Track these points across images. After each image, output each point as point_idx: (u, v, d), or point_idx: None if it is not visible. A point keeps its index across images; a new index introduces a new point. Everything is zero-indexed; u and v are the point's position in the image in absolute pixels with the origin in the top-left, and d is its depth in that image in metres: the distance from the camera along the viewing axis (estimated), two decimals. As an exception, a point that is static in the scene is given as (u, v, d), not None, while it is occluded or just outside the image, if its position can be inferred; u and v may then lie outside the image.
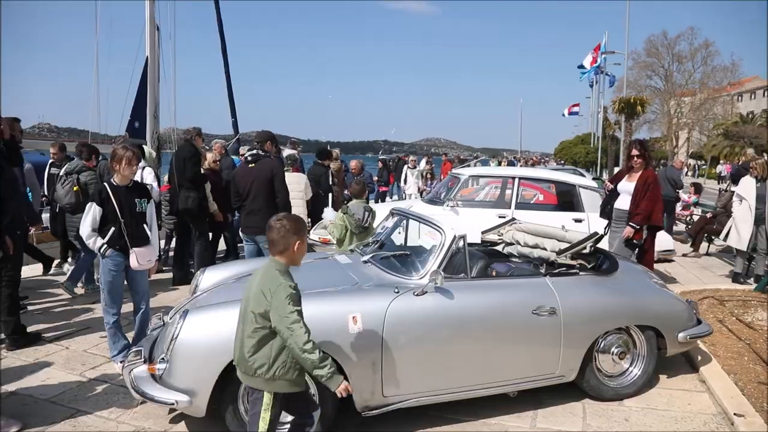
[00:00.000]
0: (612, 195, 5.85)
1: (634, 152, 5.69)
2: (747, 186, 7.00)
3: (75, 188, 5.70)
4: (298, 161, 8.59)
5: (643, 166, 5.62)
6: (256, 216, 5.25)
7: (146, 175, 6.76)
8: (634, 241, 5.48)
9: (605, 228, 5.80)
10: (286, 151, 9.07)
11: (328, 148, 10.10)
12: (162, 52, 9.11)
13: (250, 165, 5.34)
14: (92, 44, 9.19)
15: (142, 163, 6.70)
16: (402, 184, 13.59)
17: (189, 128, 6.65)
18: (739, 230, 6.98)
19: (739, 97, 57.46)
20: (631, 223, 5.46)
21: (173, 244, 7.15)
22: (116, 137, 8.62)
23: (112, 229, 3.99)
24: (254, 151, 5.39)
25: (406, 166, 13.51)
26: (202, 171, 6.52)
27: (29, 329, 4.69)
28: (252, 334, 2.45)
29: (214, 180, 6.79)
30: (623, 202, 5.65)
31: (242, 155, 8.45)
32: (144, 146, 7.54)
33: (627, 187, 5.65)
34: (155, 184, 6.74)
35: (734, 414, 3.47)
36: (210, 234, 6.77)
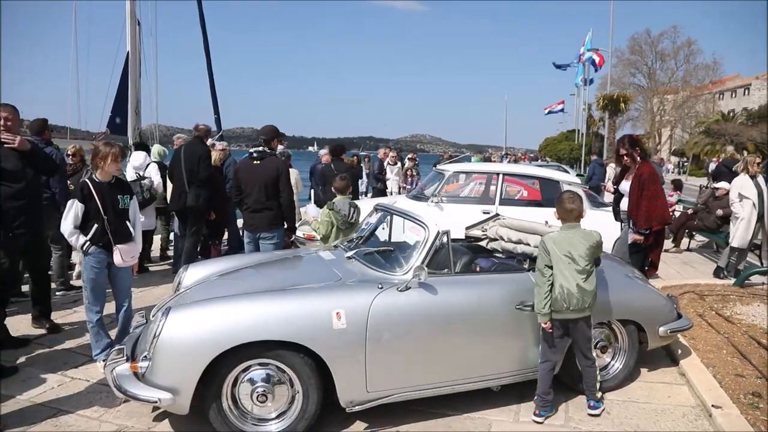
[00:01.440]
0: (618, 197, 5.54)
1: (622, 152, 5.27)
2: (746, 184, 6.91)
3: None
4: (289, 158, 8.57)
5: (637, 163, 5.16)
6: (259, 213, 5.20)
7: (151, 170, 6.79)
8: (642, 245, 5.04)
9: (621, 229, 5.59)
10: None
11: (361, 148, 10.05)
12: (143, 47, 9.02)
13: (255, 162, 5.25)
14: (71, 38, 9.07)
15: (147, 160, 6.97)
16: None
17: (199, 125, 6.57)
18: (745, 229, 6.87)
19: (721, 96, 58.32)
20: (639, 231, 5.00)
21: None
22: (97, 134, 8.51)
23: (95, 225, 3.95)
24: (260, 148, 5.29)
25: (386, 162, 13.17)
26: None
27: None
28: (588, 279, 3.41)
29: (218, 178, 6.73)
30: (626, 203, 5.28)
31: (222, 149, 8.39)
32: (153, 145, 7.62)
33: (626, 187, 5.30)
34: (157, 178, 6.78)
35: (712, 406, 3.54)
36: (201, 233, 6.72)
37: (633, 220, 5.10)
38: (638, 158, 5.19)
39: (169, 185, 6.66)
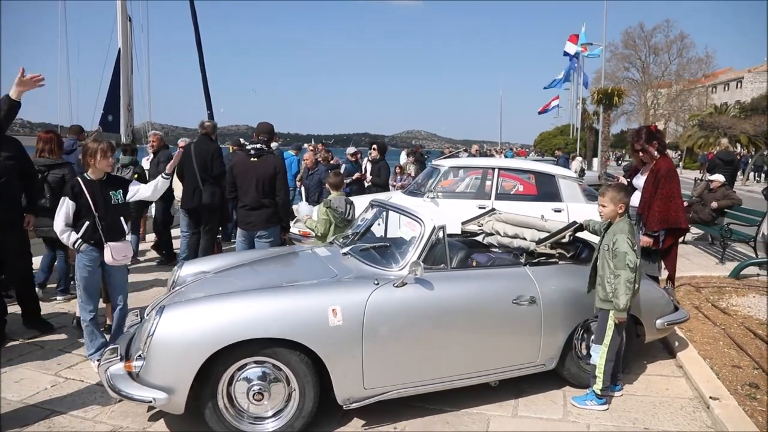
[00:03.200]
0: (630, 190, 4.85)
1: (636, 147, 4.80)
2: None
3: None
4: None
5: (654, 158, 4.72)
6: (256, 211, 5.14)
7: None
8: (652, 248, 4.66)
9: None
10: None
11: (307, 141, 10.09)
12: (135, 44, 8.95)
13: (252, 159, 5.17)
14: (61, 34, 9.00)
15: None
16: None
17: (204, 122, 6.52)
18: None
19: (713, 89, 58.58)
20: (647, 232, 4.63)
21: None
22: (88, 132, 8.44)
23: (87, 223, 3.90)
24: (258, 146, 5.21)
25: (366, 159, 12.39)
26: None
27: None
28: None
29: None
30: (637, 199, 4.79)
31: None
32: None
33: (639, 182, 4.86)
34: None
35: (710, 397, 3.54)
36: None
37: (644, 220, 4.70)
38: (655, 153, 4.73)
39: (180, 185, 6.60)
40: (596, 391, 3.56)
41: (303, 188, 8.28)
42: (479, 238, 4.72)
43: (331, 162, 11.40)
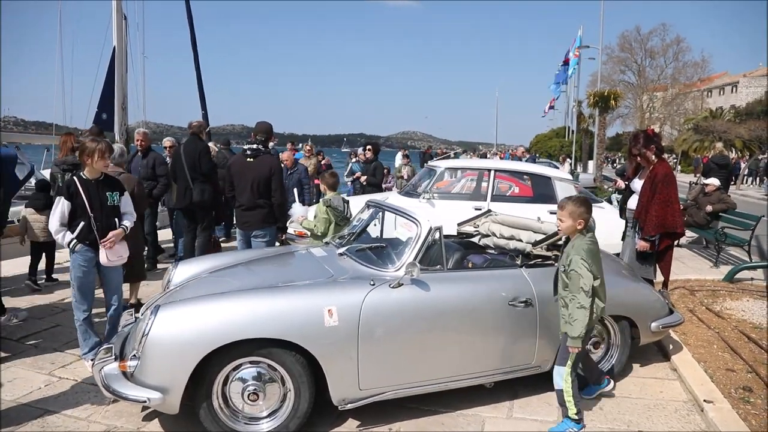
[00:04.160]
0: (628, 193, 5.11)
1: (634, 152, 4.83)
2: None
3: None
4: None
5: (652, 162, 4.74)
6: (252, 211, 5.14)
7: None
8: (648, 251, 4.74)
9: (623, 232, 5.18)
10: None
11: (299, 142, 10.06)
12: (130, 42, 8.94)
13: (248, 159, 5.16)
14: (56, 32, 8.98)
15: None
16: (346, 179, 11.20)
17: (192, 122, 6.54)
18: None
19: (709, 93, 58.89)
20: (644, 237, 4.70)
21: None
22: (83, 132, 8.42)
23: (82, 223, 3.89)
24: (255, 146, 5.20)
25: (354, 159, 11.67)
26: None
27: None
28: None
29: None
30: (635, 202, 4.90)
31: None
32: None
33: (637, 186, 4.90)
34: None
35: (704, 400, 3.55)
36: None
37: (640, 224, 4.75)
38: (653, 157, 4.74)
39: (174, 185, 6.59)
40: (571, 417, 3.29)
41: (296, 190, 8.23)
42: (475, 240, 4.72)
43: (323, 162, 11.43)
